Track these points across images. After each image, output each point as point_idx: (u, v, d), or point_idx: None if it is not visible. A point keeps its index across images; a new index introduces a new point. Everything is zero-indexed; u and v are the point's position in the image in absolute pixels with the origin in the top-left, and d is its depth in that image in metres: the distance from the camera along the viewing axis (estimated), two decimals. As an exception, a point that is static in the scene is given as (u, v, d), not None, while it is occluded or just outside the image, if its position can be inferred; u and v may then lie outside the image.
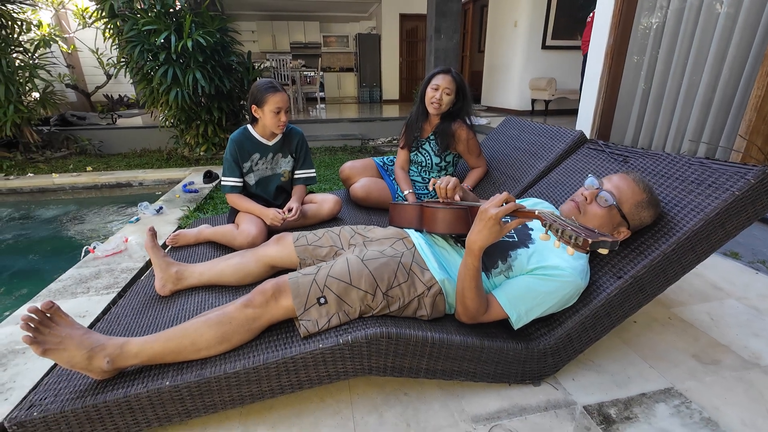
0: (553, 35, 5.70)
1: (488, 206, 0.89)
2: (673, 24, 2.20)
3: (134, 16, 3.88)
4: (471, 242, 0.93)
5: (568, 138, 1.67)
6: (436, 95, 1.85)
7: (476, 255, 0.94)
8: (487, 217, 0.89)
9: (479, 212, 0.91)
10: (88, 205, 3.52)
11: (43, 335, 0.90)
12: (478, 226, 0.91)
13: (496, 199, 0.91)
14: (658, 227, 1.08)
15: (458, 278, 1.01)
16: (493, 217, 0.88)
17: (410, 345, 0.99)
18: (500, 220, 0.89)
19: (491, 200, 0.91)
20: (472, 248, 0.94)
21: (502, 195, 0.90)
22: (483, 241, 0.91)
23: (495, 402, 1.06)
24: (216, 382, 0.94)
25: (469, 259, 0.95)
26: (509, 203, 0.88)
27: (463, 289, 0.99)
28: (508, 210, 0.88)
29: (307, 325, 1.01)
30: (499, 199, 0.90)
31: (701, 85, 2.06)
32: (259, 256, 1.34)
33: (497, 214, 0.87)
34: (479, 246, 0.92)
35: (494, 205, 0.89)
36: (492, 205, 0.89)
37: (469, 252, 0.95)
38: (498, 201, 0.90)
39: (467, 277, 0.97)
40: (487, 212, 0.89)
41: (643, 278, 1.03)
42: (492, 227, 0.89)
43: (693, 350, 1.24)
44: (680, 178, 1.15)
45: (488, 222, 0.89)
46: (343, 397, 1.10)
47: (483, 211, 0.90)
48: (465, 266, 0.97)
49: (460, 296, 1.02)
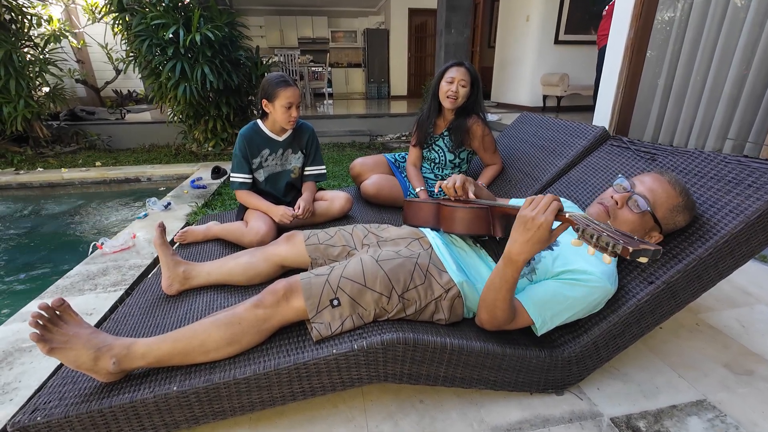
0: (566, 30, 5.57)
1: (535, 213, 0.79)
2: (698, 16, 2.11)
3: (143, 10, 3.85)
4: (516, 253, 0.83)
5: (589, 134, 1.60)
6: (451, 88, 1.79)
7: (519, 267, 0.85)
8: (536, 226, 0.78)
9: (522, 219, 0.81)
10: (96, 200, 3.51)
11: (50, 333, 0.87)
12: (524, 235, 0.80)
13: (541, 203, 0.80)
14: (692, 230, 1.02)
15: (490, 288, 0.92)
16: (544, 225, 0.78)
17: (428, 351, 0.94)
18: (551, 227, 0.79)
19: (532, 204, 0.81)
20: (516, 260, 0.84)
21: (546, 197, 0.80)
22: (530, 252, 0.81)
23: (516, 412, 1.01)
24: (225, 387, 0.90)
25: (509, 271, 0.86)
26: (554, 204, 0.78)
27: (495, 300, 0.91)
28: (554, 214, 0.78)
29: (319, 328, 0.96)
30: (543, 202, 0.80)
31: (728, 79, 1.98)
32: (269, 255, 1.30)
33: (548, 220, 0.77)
34: (525, 258, 0.83)
35: (541, 211, 0.79)
36: (539, 210, 0.79)
37: (511, 263, 0.85)
38: (543, 205, 0.79)
39: (504, 289, 0.89)
40: (535, 220, 0.78)
41: (677, 284, 0.97)
42: (542, 236, 0.79)
43: (724, 359, 1.17)
44: (716, 177, 1.08)
45: (538, 231, 0.78)
46: (357, 404, 1.06)
47: (530, 219, 0.79)
48: (503, 278, 0.88)
49: (489, 306, 0.94)
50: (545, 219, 0.78)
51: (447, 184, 1.16)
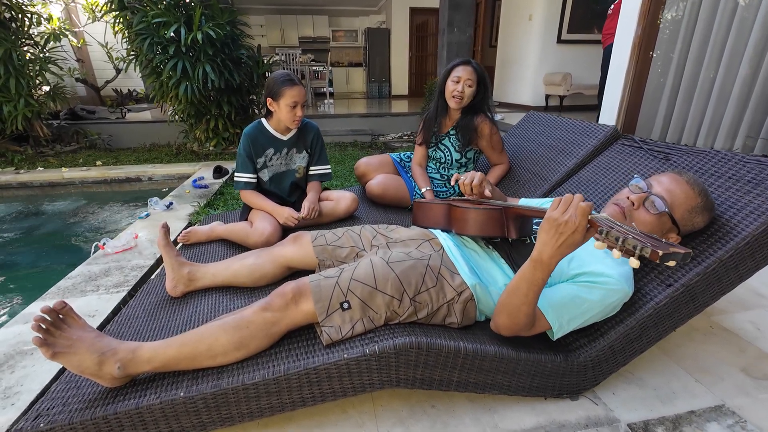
0: (569, 29, 5.54)
1: (568, 217, 0.75)
2: (707, 13, 2.08)
3: (144, 8, 3.82)
4: (548, 257, 0.80)
5: (599, 133, 1.58)
6: (457, 88, 1.76)
7: (551, 270, 0.83)
8: (569, 230, 0.75)
9: (552, 222, 0.77)
10: (97, 199, 3.49)
11: (53, 337, 0.84)
12: (556, 238, 0.77)
13: (571, 206, 0.77)
14: (710, 231, 0.99)
15: (514, 292, 0.89)
16: (579, 229, 0.75)
17: (441, 356, 0.91)
18: (585, 231, 0.76)
19: (561, 206, 0.78)
20: (549, 263, 0.81)
21: (576, 199, 0.77)
22: (562, 255, 0.79)
23: (530, 417, 0.99)
24: (233, 393, 0.87)
25: (539, 274, 0.83)
26: (586, 207, 0.75)
27: (521, 305, 0.88)
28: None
29: (329, 332, 0.94)
30: (574, 205, 0.76)
31: (738, 78, 1.95)
32: (275, 257, 1.27)
33: (582, 224, 0.74)
34: (557, 261, 0.80)
35: (573, 214, 0.76)
36: (571, 213, 0.75)
37: (542, 266, 0.82)
38: (574, 207, 0.76)
39: (531, 293, 0.86)
40: (568, 224, 0.75)
41: (696, 287, 0.95)
42: (576, 239, 0.76)
43: (741, 363, 1.15)
44: (734, 177, 1.06)
45: (572, 235, 0.75)
46: (366, 409, 1.03)
47: (562, 223, 0.75)
48: (531, 281, 0.85)
49: (512, 311, 0.90)
50: (579, 223, 0.75)
51: (464, 180, 1.14)
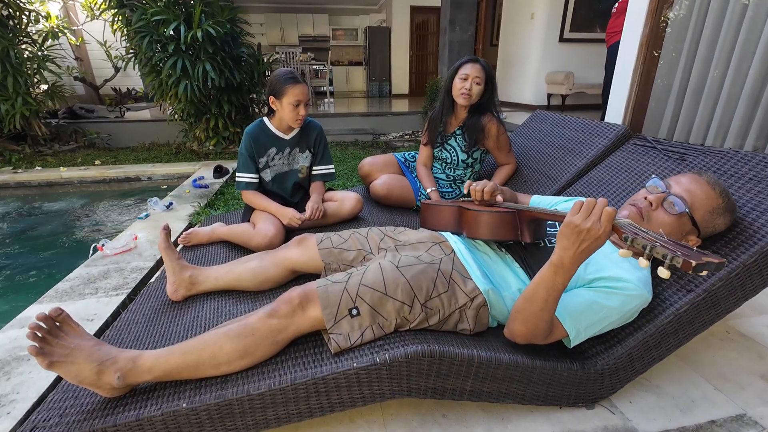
0: (571, 28, 5.51)
1: (591, 223, 0.72)
2: (716, 12, 2.05)
3: (143, 6, 3.77)
4: (570, 261, 0.77)
5: (610, 133, 1.54)
6: (465, 85, 1.72)
7: (570, 275, 0.80)
8: (592, 236, 0.72)
9: (573, 227, 0.74)
10: (96, 199, 3.44)
11: (50, 346, 0.81)
12: (578, 244, 0.74)
13: (595, 211, 0.73)
14: (732, 234, 0.96)
15: (532, 299, 0.86)
16: (603, 236, 0.72)
17: (455, 365, 0.88)
18: (609, 236, 0.73)
19: (583, 211, 0.74)
20: (570, 268, 0.78)
21: (599, 203, 0.74)
22: (583, 260, 0.77)
23: (545, 427, 0.95)
24: (238, 404, 0.84)
25: (559, 279, 0.80)
26: (610, 212, 0.71)
27: (540, 311, 0.85)
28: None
29: (338, 339, 0.90)
30: (597, 210, 0.73)
31: (749, 77, 1.92)
32: (280, 260, 1.23)
33: (606, 230, 0.71)
34: (578, 265, 0.78)
35: (596, 220, 0.72)
36: (594, 219, 0.72)
37: (562, 271, 0.79)
38: (597, 213, 0.73)
39: (551, 299, 0.83)
40: (591, 231, 0.72)
41: (719, 293, 0.91)
42: (599, 245, 0.74)
43: (760, 370, 1.12)
44: (755, 178, 1.02)
45: (596, 242, 0.73)
46: (375, 418, 1.00)
47: (584, 230, 0.73)
48: (551, 287, 0.81)
49: (530, 318, 0.87)
50: (603, 230, 0.71)
51: (477, 187, 1.11)
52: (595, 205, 0.74)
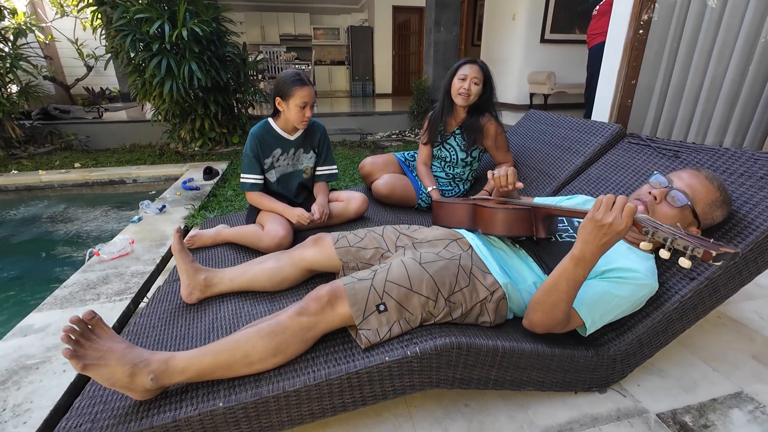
0: (551, 29, 5.66)
1: (613, 218, 0.77)
2: (695, 17, 2.17)
3: (124, 4, 3.67)
4: (592, 254, 0.82)
5: (606, 132, 1.62)
6: (464, 85, 1.77)
7: (591, 267, 0.85)
8: (614, 231, 0.77)
9: (595, 222, 0.79)
10: (80, 203, 3.33)
11: (84, 349, 0.80)
12: (599, 238, 0.79)
13: (616, 206, 0.78)
14: (728, 226, 1.03)
15: (552, 290, 0.91)
16: (624, 231, 0.77)
17: (480, 355, 0.92)
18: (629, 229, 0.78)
19: (604, 206, 0.79)
20: (592, 261, 0.83)
21: (619, 200, 0.78)
22: (603, 252, 0.82)
23: (563, 412, 1.00)
24: (274, 401, 0.85)
25: (581, 271, 0.85)
26: (631, 207, 0.77)
27: (559, 302, 0.90)
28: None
29: (367, 334, 0.93)
30: (618, 206, 0.78)
31: (726, 79, 2.04)
32: (296, 260, 1.25)
33: (627, 225, 0.77)
34: (598, 258, 0.83)
35: (618, 215, 0.77)
36: (616, 215, 0.77)
37: (584, 264, 0.84)
38: (619, 208, 0.78)
39: (572, 290, 0.88)
40: (613, 225, 0.77)
41: (719, 280, 0.99)
42: (619, 238, 0.79)
43: (751, 351, 1.21)
44: (746, 174, 1.11)
45: (617, 235, 0.78)
46: (401, 411, 1.03)
47: (606, 224, 0.77)
48: (572, 278, 0.87)
49: (550, 308, 0.92)
50: (625, 225, 0.77)
51: (501, 173, 1.17)
52: (616, 202, 0.79)
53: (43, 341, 1.34)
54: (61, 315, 1.48)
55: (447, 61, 5.42)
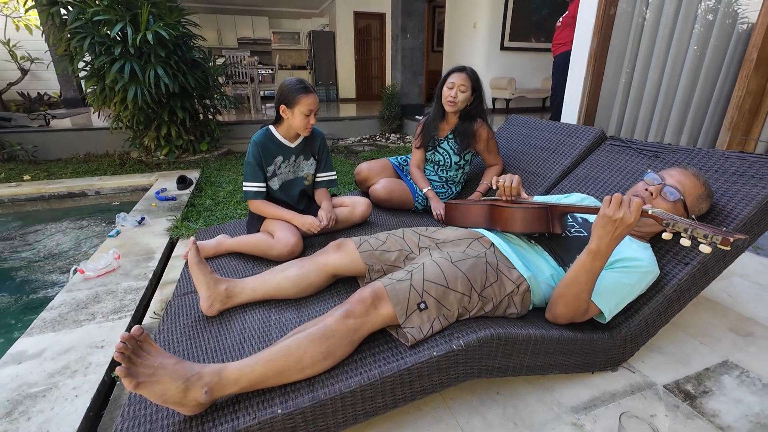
0: (510, 37, 5.99)
1: (623, 213, 0.87)
2: (650, 30, 2.42)
3: (80, 4, 3.45)
4: (607, 247, 0.92)
5: (589, 135, 1.78)
6: (451, 93, 1.87)
7: (606, 259, 0.95)
8: (625, 224, 0.88)
9: (607, 219, 0.89)
10: (37, 220, 3.07)
11: (136, 366, 0.78)
12: (613, 232, 0.89)
13: (624, 204, 0.88)
14: (711, 216, 1.19)
15: (573, 283, 1.00)
16: (633, 223, 0.87)
17: (516, 344, 0.99)
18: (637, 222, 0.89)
19: (613, 203, 0.89)
20: (607, 253, 0.93)
21: (626, 197, 0.89)
22: (616, 245, 0.92)
23: (585, 391, 1.10)
24: (331, 403, 0.87)
25: (597, 263, 0.95)
26: (638, 203, 0.88)
27: (580, 293, 1.00)
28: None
29: (412, 332, 0.97)
30: (626, 202, 0.89)
31: (679, 87, 2.30)
32: (320, 266, 1.26)
33: (636, 218, 0.87)
34: (612, 250, 0.93)
35: (627, 210, 0.88)
36: (626, 210, 0.88)
37: (600, 256, 0.94)
38: (626, 204, 0.88)
39: (590, 281, 0.98)
40: (624, 219, 0.87)
41: (708, 263, 1.13)
42: (629, 231, 0.89)
43: (728, 325, 1.38)
44: (720, 170, 1.27)
45: (627, 228, 0.88)
46: (439, 404, 1.08)
47: (618, 219, 0.88)
48: (591, 270, 0.96)
49: (572, 299, 1.02)
50: (634, 218, 0.88)
51: (505, 182, 1.25)
52: (623, 200, 0.90)
53: (42, 367, 1.26)
54: (56, 338, 1.39)
55: (414, 66, 5.56)
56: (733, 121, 1.99)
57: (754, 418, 1.01)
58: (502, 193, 1.29)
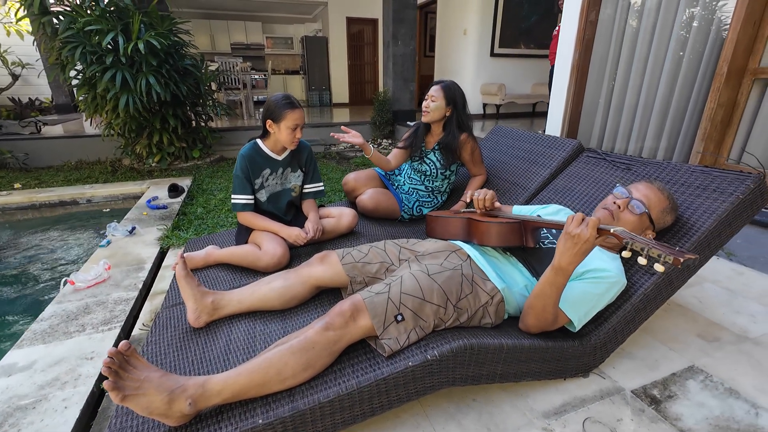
0: (500, 44, 6.09)
1: (580, 230, 0.93)
2: (629, 44, 2.50)
3: (71, 14, 3.48)
4: (567, 264, 0.97)
5: (567, 146, 1.84)
6: (425, 103, 1.95)
7: (570, 274, 0.99)
8: (582, 240, 0.92)
9: (569, 236, 0.94)
10: (28, 228, 3.08)
11: (122, 380, 0.82)
12: (573, 248, 0.94)
13: (583, 222, 0.94)
14: (676, 228, 1.25)
15: (539, 296, 1.06)
16: (591, 240, 0.92)
17: (489, 353, 1.04)
18: (595, 240, 0.93)
19: (574, 222, 0.95)
20: (568, 270, 0.98)
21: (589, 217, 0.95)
22: (578, 261, 0.96)
23: (557, 397, 1.15)
24: (310, 413, 0.91)
25: (560, 279, 1.00)
26: (591, 221, 0.93)
27: (546, 305, 1.05)
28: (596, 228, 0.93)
29: (389, 343, 1.02)
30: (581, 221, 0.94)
31: (657, 98, 2.37)
32: (305, 278, 1.31)
33: (592, 235, 0.92)
34: (574, 266, 0.97)
35: (584, 228, 0.93)
36: (584, 227, 0.93)
37: (562, 273, 0.99)
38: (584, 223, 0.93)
39: (554, 294, 1.03)
40: (581, 236, 0.92)
41: (672, 274, 1.19)
42: (588, 247, 0.94)
43: (696, 331, 1.44)
44: (685, 184, 1.34)
45: (585, 244, 0.93)
46: (417, 411, 1.12)
47: (577, 235, 0.93)
48: (553, 284, 1.01)
49: (539, 311, 1.07)
50: (590, 234, 0.93)
51: (479, 196, 1.30)
52: (583, 218, 0.96)
53: (33, 379, 1.29)
54: (46, 350, 1.42)
55: (405, 73, 5.63)
56: (706, 132, 2.07)
57: (713, 421, 1.07)
58: (476, 206, 1.34)
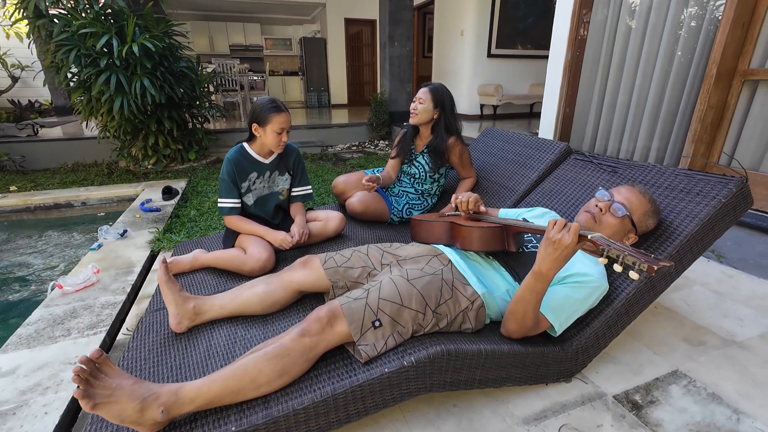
0: (497, 45, 6.07)
1: (561, 235, 0.91)
2: (621, 45, 2.49)
3: (66, 17, 3.48)
4: (547, 269, 0.96)
5: (555, 149, 1.83)
6: (413, 105, 1.95)
7: (550, 279, 0.98)
8: (563, 245, 0.91)
9: (549, 241, 0.93)
10: (22, 231, 3.09)
11: (93, 388, 0.82)
12: (553, 254, 0.93)
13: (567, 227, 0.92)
14: (659, 232, 1.24)
15: (519, 301, 1.05)
16: (571, 245, 0.90)
17: (467, 359, 1.04)
18: (575, 246, 0.92)
19: (556, 228, 0.94)
20: (548, 275, 0.97)
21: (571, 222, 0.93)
22: (558, 267, 0.95)
23: (538, 402, 1.15)
24: (284, 420, 0.91)
25: (540, 284, 0.99)
26: (573, 226, 0.92)
27: (526, 311, 1.04)
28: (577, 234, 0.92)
29: (365, 349, 1.01)
30: (564, 226, 0.93)
31: (648, 99, 2.36)
32: (287, 283, 1.30)
33: (573, 241, 0.90)
34: (555, 272, 0.96)
35: (565, 233, 0.91)
36: (565, 232, 0.91)
37: (542, 278, 0.98)
38: (566, 229, 0.92)
39: (534, 300, 1.02)
40: (562, 241, 0.91)
41: (654, 278, 1.18)
42: (568, 253, 0.92)
43: (682, 334, 1.43)
44: (669, 187, 1.33)
45: (565, 250, 0.91)
46: (397, 417, 1.12)
47: (557, 240, 0.92)
48: (533, 290, 1.00)
49: (519, 317, 1.06)
50: (571, 240, 0.91)
51: (463, 199, 1.29)
52: (564, 223, 0.94)
53: (15, 384, 1.28)
54: (30, 355, 1.42)
55: (402, 74, 5.63)
56: (696, 134, 2.06)
57: (694, 427, 1.06)
58: (460, 209, 1.33)
